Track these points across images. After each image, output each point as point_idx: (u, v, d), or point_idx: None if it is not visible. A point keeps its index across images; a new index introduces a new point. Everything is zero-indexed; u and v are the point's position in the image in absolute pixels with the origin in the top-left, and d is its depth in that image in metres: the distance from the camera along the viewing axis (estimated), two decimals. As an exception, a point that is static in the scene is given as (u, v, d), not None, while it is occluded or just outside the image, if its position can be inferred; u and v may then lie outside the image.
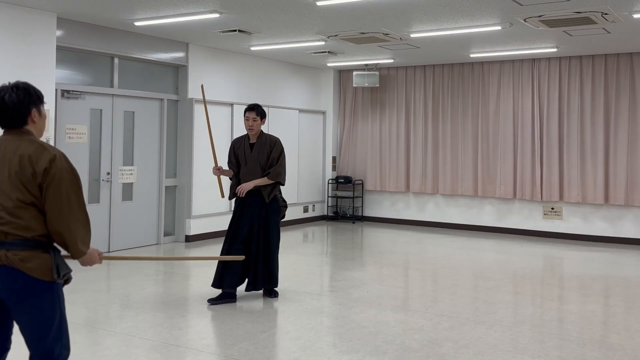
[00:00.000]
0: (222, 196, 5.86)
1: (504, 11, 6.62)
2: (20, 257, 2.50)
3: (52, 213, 2.55)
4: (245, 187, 5.48)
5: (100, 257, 2.77)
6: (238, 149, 5.67)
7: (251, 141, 5.63)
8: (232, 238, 5.56)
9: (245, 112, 5.59)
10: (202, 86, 5.89)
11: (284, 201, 5.78)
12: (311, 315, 5.18)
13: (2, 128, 2.66)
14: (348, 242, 9.36)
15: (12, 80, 2.72)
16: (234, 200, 5.76)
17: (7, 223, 2.51)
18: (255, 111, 5.54)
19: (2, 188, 2.55)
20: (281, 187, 5.71)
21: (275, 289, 5.73)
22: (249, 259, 5.49)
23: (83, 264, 2.70)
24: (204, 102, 5.74)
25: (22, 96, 2.61)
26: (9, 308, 2.59)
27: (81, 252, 2.63)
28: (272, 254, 5.58)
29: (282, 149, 5.62)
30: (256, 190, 5.51)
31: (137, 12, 6.97)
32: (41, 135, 2.74)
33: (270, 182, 5.52)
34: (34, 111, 2.65)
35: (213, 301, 5.47)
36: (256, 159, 5.55)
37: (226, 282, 5.47)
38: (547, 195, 9.82)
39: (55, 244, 2.64)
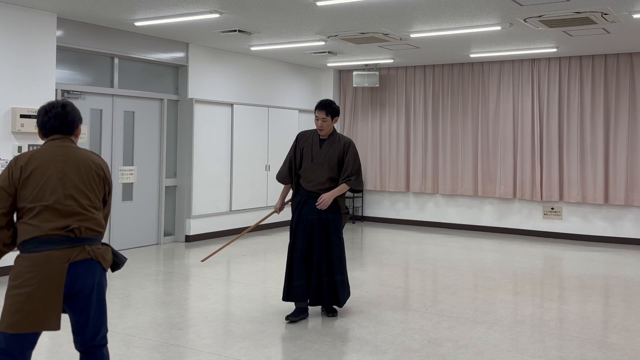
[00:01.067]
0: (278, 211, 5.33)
1: (504, 11, 6.62)
2: (101, 251, 2.80)
3: (105, 215, 2.95)
4: (327, 198, 4.87)
5: None
6: (304, 142, 5.08)
7: (322, 137, 5.06)
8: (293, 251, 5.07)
9: (315, 110, 5.01)
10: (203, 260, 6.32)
11: (347, 208, 5.19)
12: (311, 316, 5.18)
13: (53, 134, 2.86)
14: (348, 242, 9.36)
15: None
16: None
17: (87, 220, 2.76)
18: (325, 110, 4.92)
19: (80, 187, 2.77)
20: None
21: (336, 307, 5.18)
22: (311, 274, 5.03)
23: None
24: (214, 252, 5.93)
25: (75, 109, 2.94)
26: (77, 302, 2.74)
27: None
28: (337, 268, 5.03)
29: (357, 151, 5.04)
30: (315, 196, 4.97)
31: (137, 12, 6.97)
32: None
33: (348, 189, 4.99)
34: (80, 126, 2.97)
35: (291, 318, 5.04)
36: (324, 157, 4.96)
37: (293, 294, 5.06)
38: (547, 195, 9.82)
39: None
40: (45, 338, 4.50)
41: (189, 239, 8.89)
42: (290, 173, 5.14)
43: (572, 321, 5.15)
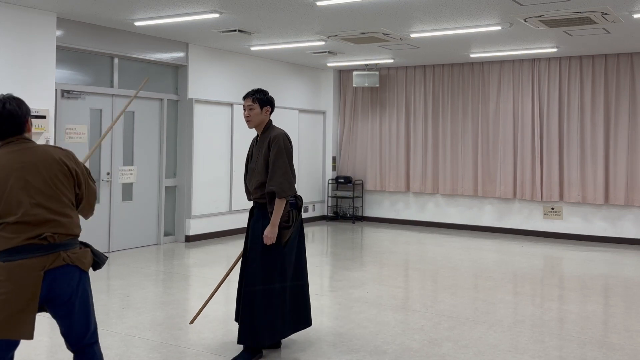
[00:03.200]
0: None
1: (504, 11, 6.62)
2: (78, 255, 2.72)
3: (87, 204, 2.85)
4: (269, 235, 4.02)
5: None
6: (251, 145, 4.43)
7: (258, 135, 4.35)
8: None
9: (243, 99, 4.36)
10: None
11: (287, 219, 4.12)
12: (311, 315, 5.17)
13: (3, 138, 2.71)
14: (348, 242, 9.36)
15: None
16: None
17: (60, 225, 2.67)
18: (252, 97, 4.26)
19: (45, 191, 2.65)
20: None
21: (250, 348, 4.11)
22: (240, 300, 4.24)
23: None
24: (201, 309, 4.55)
25: (20, 105, 2.76)
26: (58, 307, 2.69)
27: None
28: (254, 299, 4.04)
29: (282, 147, 4.15)
30: (261, 205, 4.18)
31: (137, 12, 6.97)
32: None
33: (283, 202, 4.04)
34: (30, 120, 2.80)
35: None
36: (256, 158, 4.23)
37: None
38: (547, 195, 9.82)
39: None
40: (45, 338, 4.50)
41: (189, 239, 8.89)
42: (245, 185, 4.42)
43: (572, 321, 5.15)
